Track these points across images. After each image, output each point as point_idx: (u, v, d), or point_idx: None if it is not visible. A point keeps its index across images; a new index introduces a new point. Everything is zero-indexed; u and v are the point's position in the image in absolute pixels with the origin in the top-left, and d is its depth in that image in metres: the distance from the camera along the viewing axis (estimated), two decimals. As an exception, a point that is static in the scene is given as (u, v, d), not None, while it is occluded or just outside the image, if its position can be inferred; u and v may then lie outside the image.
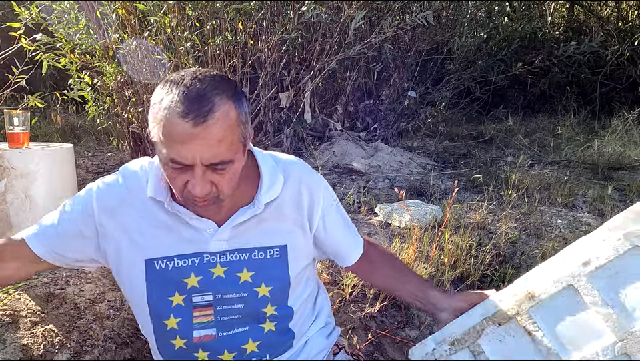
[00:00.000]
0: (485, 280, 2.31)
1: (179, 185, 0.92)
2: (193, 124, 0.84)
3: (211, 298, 1.03)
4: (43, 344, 1.47)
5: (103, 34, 2.83)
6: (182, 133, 0.85)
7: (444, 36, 4.60)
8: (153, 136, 0.90)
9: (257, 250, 1.05)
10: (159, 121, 0.87)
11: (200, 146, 0.85)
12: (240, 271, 1.04)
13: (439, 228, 2.37)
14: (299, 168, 1.12)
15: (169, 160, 0.88)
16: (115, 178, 1.06)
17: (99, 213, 1.02)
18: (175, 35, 2.75)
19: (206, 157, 0.87)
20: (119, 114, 3.19)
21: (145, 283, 1.02)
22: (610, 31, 6.45)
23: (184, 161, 0.87)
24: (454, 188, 2.39)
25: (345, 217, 1.22)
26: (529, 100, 6.82)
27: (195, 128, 0.84)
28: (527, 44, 6.24)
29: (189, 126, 0.84)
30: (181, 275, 1.02)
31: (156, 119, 0.88)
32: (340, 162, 4.09)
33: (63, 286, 1.72)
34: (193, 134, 0.84)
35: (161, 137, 0.87)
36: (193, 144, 0.85)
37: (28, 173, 1.89)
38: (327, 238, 1.15)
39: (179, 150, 0.86)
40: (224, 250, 1.03)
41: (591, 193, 3.34)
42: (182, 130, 0.84)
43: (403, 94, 4.79)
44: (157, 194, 1.00)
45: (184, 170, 0.89)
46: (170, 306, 1.03)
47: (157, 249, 1.02)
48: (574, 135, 5.07)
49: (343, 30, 3.37)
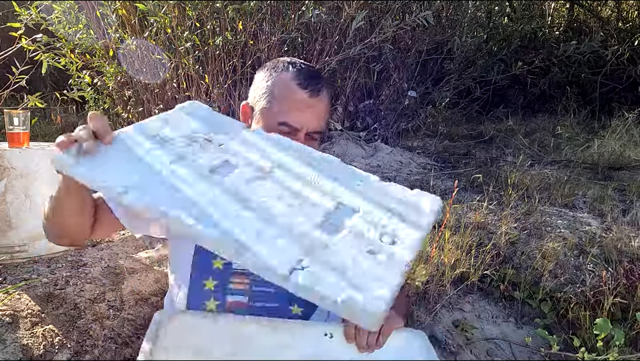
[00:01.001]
0: (484, 280, 2.31)
1: None
2: (309, 95, 1.02)
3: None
4: (43, 344, 1.47)
5: (103, 34, 2.83)
6: (301, 101, 1.02)
7: (444, 36, 4.60)
8: (260, 105, 1.06)
9: None
10: (275, 90, 1.03)
11: (311, 115, 1.03)
12: None
13: (438, 228, 2.38)
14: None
15: (279, 124, 1.02)
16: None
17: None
18: (175, 35, 2.75)
19: (313, 126, 1.04)
20: (119, 114, 3.19)
21: (194, 247, 1.09)
22: (610, 31, 6.45)
23: (296, 125, 1.03)
24: (454, 188, 2.39)
25: None
26: (529, 100, 6.81)
27: (311, 99, 1.03)
28: (526, 44, 6.23)
29: (306, 97, 1.02)
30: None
31: (270, 90, 1.04)
32: (340, 162, 4.08)
33: (63, 286, 1.72)
34: (310, 104, 1.03)
35: (275, 104, 1.03)
36: (307, 112, 1.03)
37: (28, 173, 1.89)
38: None
39: (295, 116, 1.02)
40: None
41: (591, 193, 3.34)
42: (301, 98, 1.02)
43: (403, 94, 4.79)
44: None
45: (287, 134, 1.01)
46: (210, 269, 1.10)
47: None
48: (574, 135, 5.07)
49: (343, 30, 3.37)
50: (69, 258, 1.96)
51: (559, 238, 2.61)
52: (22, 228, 1.90)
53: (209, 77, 2.88)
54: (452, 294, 2.21)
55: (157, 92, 2.96)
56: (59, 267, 1.87)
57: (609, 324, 1.87)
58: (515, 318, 2.26)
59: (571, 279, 2.38)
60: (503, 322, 2.24)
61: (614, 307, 2.13)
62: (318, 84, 1.04)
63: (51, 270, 1.84)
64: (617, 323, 2.10)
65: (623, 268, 2.28)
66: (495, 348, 2.11)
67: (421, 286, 2.09)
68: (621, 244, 2.55)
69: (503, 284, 2.28)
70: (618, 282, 2.21)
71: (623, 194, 3.45)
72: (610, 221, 2.86)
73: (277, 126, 1.03)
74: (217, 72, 2.89)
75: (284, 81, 1.04)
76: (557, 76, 6.29)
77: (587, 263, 2.45)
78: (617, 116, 5.15)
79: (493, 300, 2.29)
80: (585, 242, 2.61)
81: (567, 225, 2.82)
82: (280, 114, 1.03)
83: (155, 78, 2.86)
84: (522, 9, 5.43)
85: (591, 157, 4.34)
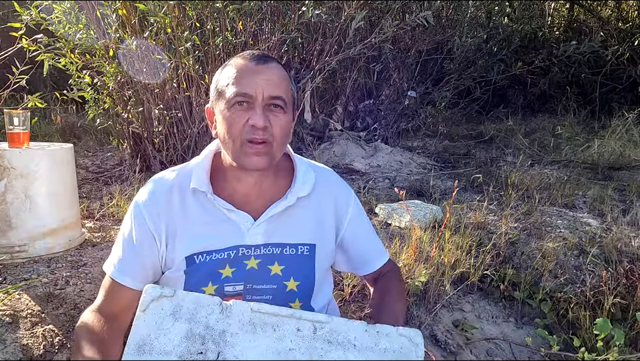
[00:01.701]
0: (485, 280, 2.31)
1: (239, 127, 1.02)
2: (256, 63, 1.03)
3: (242, 288, 1.10)
4: (43, 343, 1.47)
5: (103, 34, 2.83)
6: (246, 70, 1.02)
7: (444, 36, 4.60)
8: (214, 94, 1.06)
9: (288, 246, 1.12)
10: (224, 75, 1.04)
11: (263, 81, 1.01)
12: (271, 264, 1.11)
13: (439, 228, 2.37)
14: (331, 174, 1.23)
15: (235, 98, 1.01)
16: (151, 186, 1.13)
17: (149, 220, 1.09)
18: (175, 35, 2.75)
19: (268, 91, 1.01)
20: (119, 114, 3.19)
21: (184, 276, 1.09)
22: (610, 31, 6.45)
23: (250, 92, 1.01)
24: (454, 188, 2.39)
25: (371, 225, 1.28)
26: (529, 100, 6.81)
27: (258, 66, 1.02)
28: (527, 44, 6.24)
29: (253, 65, 1.02)
30: (217, 267, 1.09)
31: (220, 78, 1.05)
32: (340, 162, 4.08)
33: (63, 286, 1.72)
34: (258, 70, 1.02)
35: (225, 83, 1.03)
36: (257, 78, 1.01)
37: (28, 173, 1.89)
38: (354, 241, 1.22)
39: (244, 83, 1.01)
40: (259, 243, 1.10)
41: (590, 193, 3.34)
42: (248, 67, 1.02)
43: (403, 94, 4.79)
44: (200, 185, 1.08)
45: (246, 109, 1.01)
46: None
47: (197, 245, 1.09)
48: (574, 135, 5.07)
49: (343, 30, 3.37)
50: (68, 258, 1.96)
51: (559, 238, 2.61)
52: (22, 228, 1.90)
53: (209, 77, 2.88)
54: (452, 294, 2.21)
55: (157, 92, 2.96)
56: (59, 267, 1.87)
57: (609, 324, 1.87)
58: (514, 318, 2.26)
59: (571, 279, 2.38)
60: (503, 322, 2.24)
61: (614, 307, 2.13)
62: (264, 56, 1.05)
63: (50, 270, 1.84)
64: (617, 323, 2.10)
65: (622, 268, 2.28)
66: (495, 347, 2.11)
67: (420, 286, 2.08)
68: (621, 244, 2.55)
69: (503, 284, 2.28)
70: (618, 282, 2.22)
71: (622, 194, 3.45)
72: (610, 221, 2.86)
73: (233, 106, 1.01)
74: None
75: (228, 66, 1.06)
76: (557, 76, 6.29)
77: (587, 263, 2.45)
78: (617, 116, 5.15)
79: (493, 300, 2.29)
80: (585, 242, 2.61)
81: (567, 225, 2.82)
82: (232, 89, 1.01)
83: (155, 78, 2.86)
84: (522, 9, 5.43)
85: (591, 157, 4.34)
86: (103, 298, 1.10)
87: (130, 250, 1.10)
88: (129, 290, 1.09)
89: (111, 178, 3.30)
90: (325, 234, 1.17)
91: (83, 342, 1.02)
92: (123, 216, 2.41)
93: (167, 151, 3.12)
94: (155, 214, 1.08)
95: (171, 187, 1.10)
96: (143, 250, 1.09)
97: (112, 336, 1.05)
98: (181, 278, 1.09)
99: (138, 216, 1.10)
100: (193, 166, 1.12)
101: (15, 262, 1.87)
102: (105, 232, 2.26)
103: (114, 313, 1.08)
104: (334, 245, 1.20)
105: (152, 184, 1.12)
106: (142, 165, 3.22)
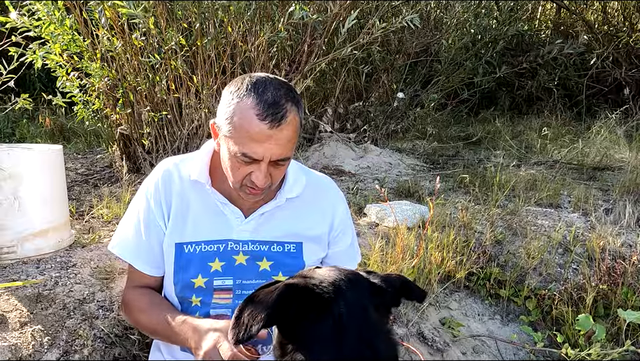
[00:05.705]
0: (471, 278, 2.35)
1: (240, 176, 1.06)
2: (269, 127, 0.98)
3: (232, 283, 1.15)
4: (32, 343, 1.48)
5: (90, 35, 2.83)
6: (259, 133, 0.99)
7: (432, 39, 4.65)
8: (223, 130, 1.04)
9: (275, 244, 1.18)
10: (235, 119, 1.00)
11: (273, 145, 1.00)
12: (260, 260, 1.16)
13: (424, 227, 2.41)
14: (327, 182, 1.29)
15: (239, 154, 1.02)
16: (154, 176, 1.21)
17: (160, 203, 1.17)
18: (162, 37, 2.76)
19: (276, 155, 1.02)
20: (108, 116, 3.18)
21: (173, 264, 1.15)
22: (595, 35, 6.55)
23: (255, 157, 1.01)
24: (436, 186, 2.42)
25: (354, 232, 1.35)
26: (517, 102, 6.90)
27: (271, 130, 0.99)
28: (513, 46, 6.31)
29: (265, 128, 0.98)
30: (207, 259, 1.14)
31: (231, 117, 1.01)
32: (330, 163, 4.11)
33: (52, 287, 1.73)
34: (269, 135, 0.99)
35: (235, 134, 1.01)
36: (267, 143, 1.00)
37: (17, 175, 1.89)
38: (334, 246, 1.28)
39: (254, 148, 1.00)
40: (246, 239, 1.15)
41: (575, 193, 3.40)
42: (259, 130, 0.98)
43: (392, 95, 4.83)
44: (200, 176, 1.14)
45: (250, 164, 1.03)
46: (193, 288, 1.15)
47: (187, 233, 1.15)
48: (560, 136, 5.15)
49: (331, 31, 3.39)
50: (57, 259, 1.96)
51: (543, 237, 2.66)
52: (11, 230, 1.90)
53: (198, 78, 2.89)
54: (439, 292, 2.24)
55: (145, 94, 2.96)
56: (47, 268, 1.87)
57: (590, 320, 1.92)
58: (500, 315, 2.30)
59: (555, 277, 2.42)
60: (489, 319, 2.28)
61: (596, 303, 2.18)
62: (279, 113, 0.99)
63: (39, 270, 1.84)
64: (599, 319, 2.15)
65: (605, 266, 2.33)
66: (481, 344, 2.15)
67: (408, 285, 2.11)
68: (604, 243, 2.61)
69: (489, 282, 2.33)
70: (600, 279, 2.27)
71: (606, 194, 3.51)
72: (594, 220, 2.92)
73: (238, 156, 1.02)
74: (206, 74, 2.90)
75: (244, 110, 1.00)
76: (544, 78, 6.38)
77: (571, 261, 2.50)
78: (602, 118, 5.24)
79: (479, 298, 2.33)
80: (569, 241, 2.66)
81: (552, 224, 2.87)
82: (240, 145, 1.01)
83: (144, 80, 2.86)
84: (508, 11, 5.50)
85: (576, 158, 4.41)
86: (130, 279, 1.24)
87: (140, 235, 1.18)
88: (147, 275, 1.20)
89: (100, 180, 3.30)
90: (314, 234, 1.22)
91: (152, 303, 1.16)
92: (112, 218, 2.41)
93: (156, 153, 3.12)
94: (163, 198, 1.17)
95: (178, 175, 1.18)
96: (150, 234, 1.17)
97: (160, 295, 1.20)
98: (171, 267, 1.16)
99: (150, 199, 1.18)
100: (196, 158, 1.19)
101: (4, 263, 1.87)
102: (94, 233, 2.26)
103: (147, 284, 1.21)
104: (325, 245, 1.25)
105: (160, 171, 1.20)
106: (131, 167, 3.22)
